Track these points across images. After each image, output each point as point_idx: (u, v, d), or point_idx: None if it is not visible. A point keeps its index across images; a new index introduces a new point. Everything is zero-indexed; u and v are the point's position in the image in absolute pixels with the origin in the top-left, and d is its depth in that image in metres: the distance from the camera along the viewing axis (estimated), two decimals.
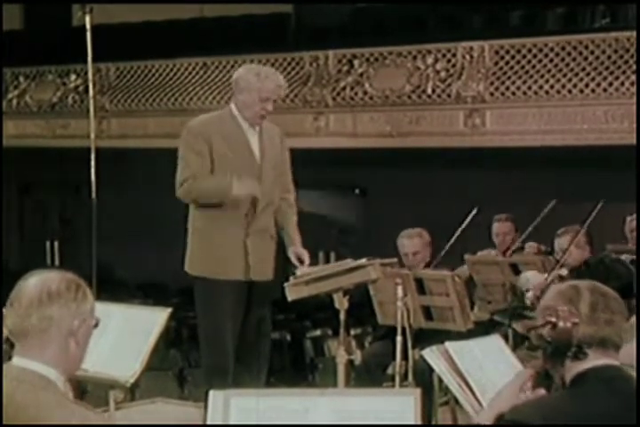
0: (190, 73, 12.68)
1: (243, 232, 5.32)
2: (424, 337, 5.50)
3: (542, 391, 2.98)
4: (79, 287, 2.75)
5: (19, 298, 2.71)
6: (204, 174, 5.27)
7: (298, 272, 5.06)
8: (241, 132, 5.37)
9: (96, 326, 2.81)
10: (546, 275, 6.33)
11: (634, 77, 9.81)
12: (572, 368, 2.82)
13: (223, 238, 5.31)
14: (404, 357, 5.35)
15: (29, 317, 2.68)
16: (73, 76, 13.70)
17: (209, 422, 2.93)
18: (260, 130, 5.42)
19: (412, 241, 6.50)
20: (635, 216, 7.72)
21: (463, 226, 6.62)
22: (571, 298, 2.83)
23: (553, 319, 2.80)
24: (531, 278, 6.46)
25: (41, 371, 2.67)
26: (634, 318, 3.82)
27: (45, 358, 2.69)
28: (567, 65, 10.29)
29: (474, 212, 6.81)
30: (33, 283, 2.72)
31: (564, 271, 6.37)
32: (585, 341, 2.80)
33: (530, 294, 6.43)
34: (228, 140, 5.32)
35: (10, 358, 2.73)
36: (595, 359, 2.81)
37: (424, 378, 5.29)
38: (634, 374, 2.93)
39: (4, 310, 2.78)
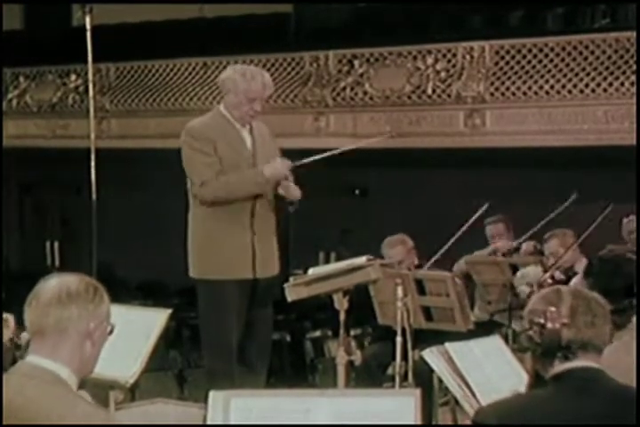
0: (190, 73, 12.67)
1: (249, 231, 5.35)
2: (424, 338, 5.51)
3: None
4: (97, 290, 2.82)
5: (37, 297, 2.76)
6: (218, 174, 5.29)
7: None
8: (236, 132, 5.42)
9: (111, 332, 2.84)
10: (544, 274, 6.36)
11: (634, 78, 9.80)
12: (551, 370, 2.85)
13: (230, 239, 5.32)
14: (404, 357, 5.36)
15: (47, 316, 2.73)
16: (73, 77, 13.69)
17: (209, 423, 2.93)
18: (251, 128, 5.46)
19: (394, 250, 6.51)
20: (631, 218, 7.72)
21: (470, 221, 6.63)
22: (551, 301, 2.88)
23: (541, 321, 2.83)
24: (531, 273, 6.49)
25: (52, 369, 2.72)
26: (634, 318, 3.82)
27: (59, 357, 2.73)
28: (567, 65, 10.28)
29: (483, 208, 6.84)
30: (52, 284, 2.78)
31: (559, 275, 6.42)
32: (571, 342, 2.83)
33: (524, 288, 6.45)
34: (228, 141, 5.36)
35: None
36: (574, 361, 2.83)
37: (424, 378, 5.29)
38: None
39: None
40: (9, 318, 3.94)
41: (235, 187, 5.29)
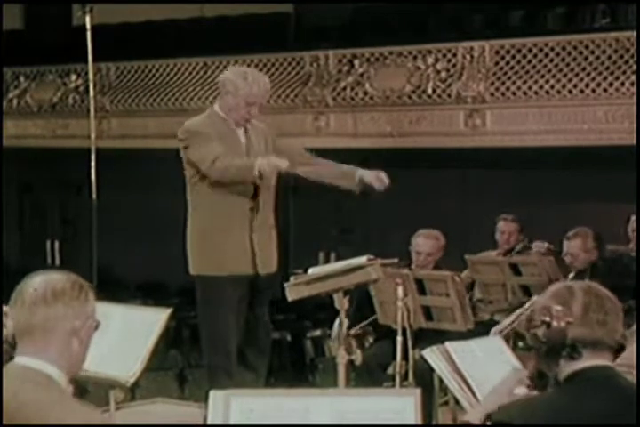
0: (191, 73, 12.67)
1: (248, 228, 5.35)
2: (424, 337, 5.51)
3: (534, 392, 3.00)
4: (82, 288, 2.79)
5: (22, 297, 2.74)
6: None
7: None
8: (232, 132, 5.43)
9: (96, 328, 2.83)
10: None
11: (634, 77, 9.80)
12: (565, 368, 2.83)
13: (228, 235, 5.33)
14: (405, 357, 5.36)
15: (35, 315, 2.71)
16: (73, 76, 13.69)
17: (209, 423, 2.93)
18: (246, 129, 5.46)
19: (428, 241, 6.50)
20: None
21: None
22: (564, 298, 2.84)
23: (547, 319, 2.81)
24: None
25: (44, 369, 2.70)
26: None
27: (48, 356, 2.71)
28: (567, 65, 10.28)
29: None
30: (37, 282, 2.75)
31: (571, 274, 6.38)
32: (578, 341, 2.80)
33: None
34: (224, 140, 5.37)
35: (11, 358, 2.74)
36: (588, 360, 2.82)
37: (424, 378, 5.29)
38: (630, 375, 2.93)
39: (5, 309, 2.79)
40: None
41: (237, 170, 5.25)
